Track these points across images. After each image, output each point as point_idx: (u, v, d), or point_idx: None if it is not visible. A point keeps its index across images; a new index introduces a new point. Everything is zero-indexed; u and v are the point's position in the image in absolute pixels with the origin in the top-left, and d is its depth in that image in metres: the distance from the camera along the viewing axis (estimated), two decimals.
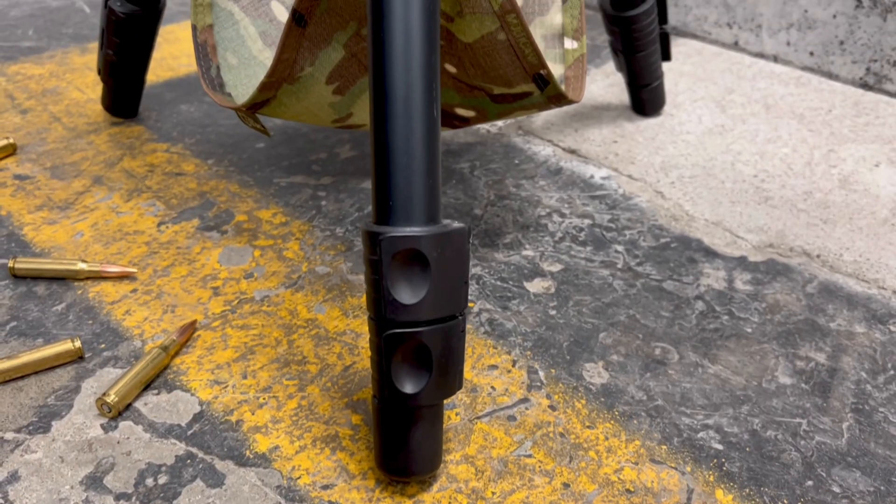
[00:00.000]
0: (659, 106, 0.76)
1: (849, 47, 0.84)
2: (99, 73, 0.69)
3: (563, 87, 0.55)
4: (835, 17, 0.84)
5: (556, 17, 0.56)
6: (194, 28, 0.54)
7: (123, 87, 0.70)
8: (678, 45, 0.94)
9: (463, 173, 0.67)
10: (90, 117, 0.73)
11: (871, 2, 0.80)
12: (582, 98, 0.55)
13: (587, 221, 0.61)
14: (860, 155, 0.71)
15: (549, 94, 0.50)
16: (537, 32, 0.57)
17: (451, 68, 0.51)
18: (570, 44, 0.56)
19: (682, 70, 0.88)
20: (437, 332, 0.35)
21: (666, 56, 0.73)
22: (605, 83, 0.84)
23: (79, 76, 0.82)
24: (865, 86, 0.84)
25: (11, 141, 0.66)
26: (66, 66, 0.84)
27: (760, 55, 0.91)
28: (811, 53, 0.87)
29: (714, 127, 0.75)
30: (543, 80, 0.49)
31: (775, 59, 0.90)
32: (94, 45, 0.89)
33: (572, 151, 0.71)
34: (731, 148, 0.72)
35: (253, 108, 0.50)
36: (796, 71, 0.88)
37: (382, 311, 0.35)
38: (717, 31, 0.94)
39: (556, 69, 0.56)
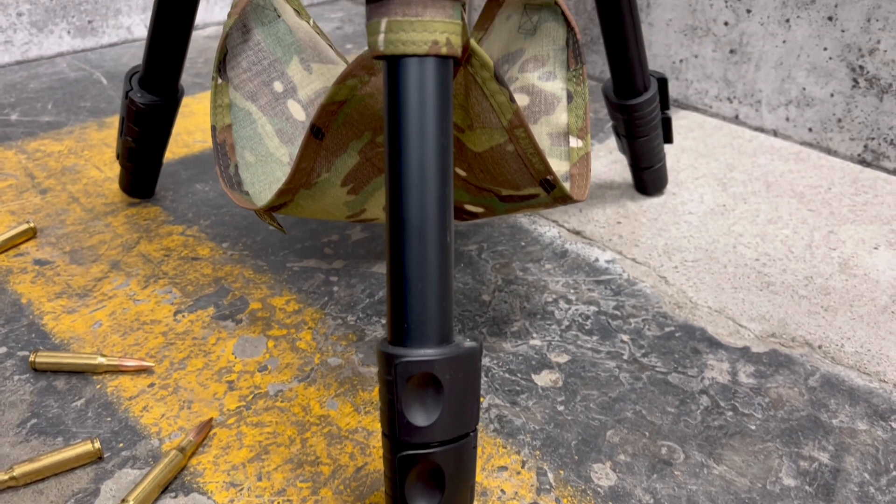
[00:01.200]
0: (661, 186, 0.78)
1: (846, 125, 0.86)
2: (118, 157, 0.71)
3: (567, 185, 0.57)
4: (832, 95, 0.86)
5: (561, 117, 0.58)
6: (214, 128, 0.56)
7: (142, 171, 0.72)
8: (680, 118, 0.97)
9: (471, 256, 0.69)
10: (108, 197, 0.75)
11: (867, 83, 0.83)
12: (586, 197, 0.57)
13: (593, 308, 0.62)
14: (859, 237, 0.72)
15: (556, 195, 0.52)
16: (543, 131, 0.59)
17: (461, 172, 0.53)
18: (574, 142, 0.58)
19: (683, 145, 0.90)
20: (450, 452, 0.37)
21: (668, 139, 0.76)
22: (608, 160, 0.86)
23: (96, 153, 0.84)
24: (863, 162, 0.86)
25: (32, 225, 0.68)
26: (84, 142, 0.86)
27: (760, 129, 0.93)
28: (810, 129, 0.89)
29: (716, 207, 0.77)
30: (550, 184, 0.50)
31: (775, 133, 0.92)
32: (111, 120, 0.92)
33: (577, 233, 0.73)
34: (732, 229, 0.73)
35: (270, 210, 0.52)
36: (795, 146, 0.90)
37: (396, 432, 0.36)
38: (718, 104, 0.97)
39: (562, 166, 0.58)
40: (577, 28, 0.58)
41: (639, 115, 0.70)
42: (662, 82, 0.72)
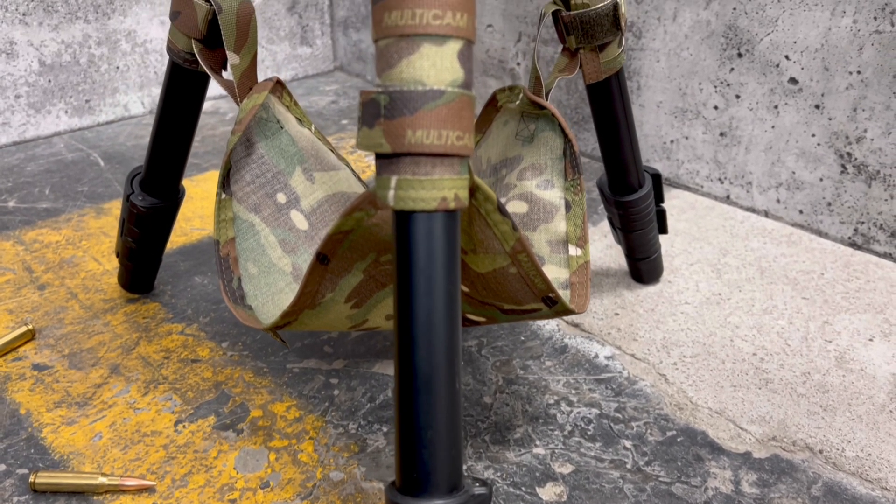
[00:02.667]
0: (657, 275, 0.79)
1: (836, 208, 0.87)
2: (117, 255, 0.72)
3: (567, 293, 0.57)
4: (821, 180, 0.88)
5: (560, 225, 0.59)
6: (217, 243, 0.56)
7: (141, 269, 0.72)
8: (672, 198, 0.98)
9: (471, 353, 0.69)
10: (106, 293, 0.75)
11: (855, 169, 0.84)
12: (587, 308, 0.58)
13: (595, 411, 0.62)
14: (854, 327, 0.73)
15: (557, 309, 0.52)
16: (542, 238, 0.59)
17: (465, 289, 0.53)
18: (574, 251, 0.59)
19: (677, 228, 0.91)
20: None
21: (662, 230, 0.77)
22: (604, 244, 0.87)
23: (94, 243, 0.84)
24: (854, 245, 0.87)
25: (30, 327, 0.68)
26: (82, 230, 0.87)
27: (752, 210, 0.95)
28: (800, 211, 0.90)
29: (711, 296, 0.78)
30: (552, 300, 0.51)
31: (766, 214, 0.94)
32: (109, 206, 0.92)
33: (575, 325, 0.73)
34: (729, 321, 0.74)
35: (274, 327, 0.52)
36: (787, 227, 0.91)
37: None
38: (709, 184, 0.98)
39: (561, 273, 0.58)
40: (573, 139, 0.59)
41: (634, 211, 0.71)
42: (656, 178, 0.73)
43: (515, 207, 0.61)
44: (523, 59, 1.14)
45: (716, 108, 0.94)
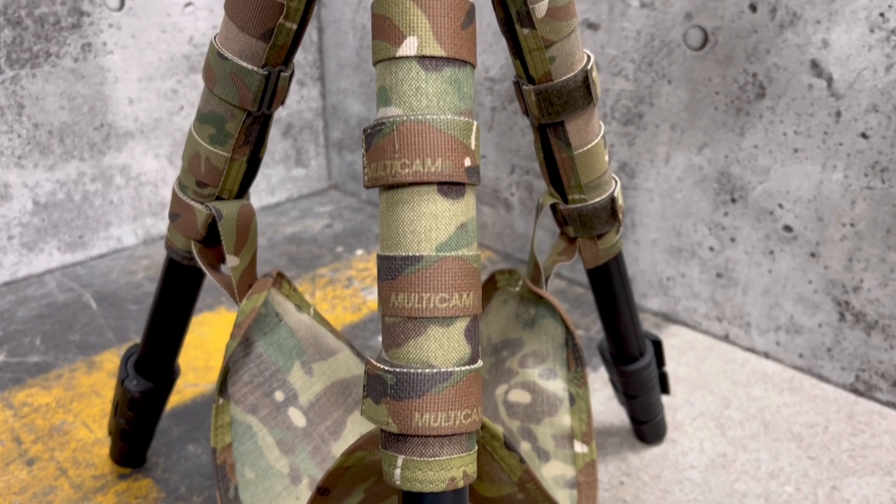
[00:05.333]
0: (661, 436, 0.77)
1: (836, 354, 0.87)
2: (110, 433, 0.70)
3: (575, 493, 0.56)
4: (820, 326, 0.87)
5: (564, 419, 0.58)
6: (214, 451, 0.55)
7: (134, 446, 0.70)
8: (671, 336, 0.98)
9: None
10: (97, 467, 0.73)
11: (854, 317, 0.84)
12: None
13: None
14: (863, 493, 0.71)
15: None
16: (547, 432, 0.58)
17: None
18: (580, 447, 0.57)
19: (677, 373, 0.90)
20: None
21: (665, 391, 0.76)
22: (605, 395, 0.86)
23: (86, 405, 0.82)
24: (856, 392, 0.86)
25: None
26: (73, 389, 0.85)
27: (752, 350, 0.94)
28: (801, 355, 0.90)
29: (716, 457, 0.76)
30: None
31: (766, 355, 0.93)
32: (100, 359, 0.91)
33: None
34: (735, 488, 0.72)
35: None
36: (788, 370, 0.91)
37: None
38: (708, 323, 0.98)
39: (567, 471, 0.57)
40: (575, 332, 0.59)
41: (637, 379, 0.70)
42: (657, 344, 0.72)
43: (518, 397, 0.60)
44: (517, 190, 1.15)
45: (711, 249, 0.95)
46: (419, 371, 0.35)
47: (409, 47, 0.35)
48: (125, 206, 1.17)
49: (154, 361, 0.65)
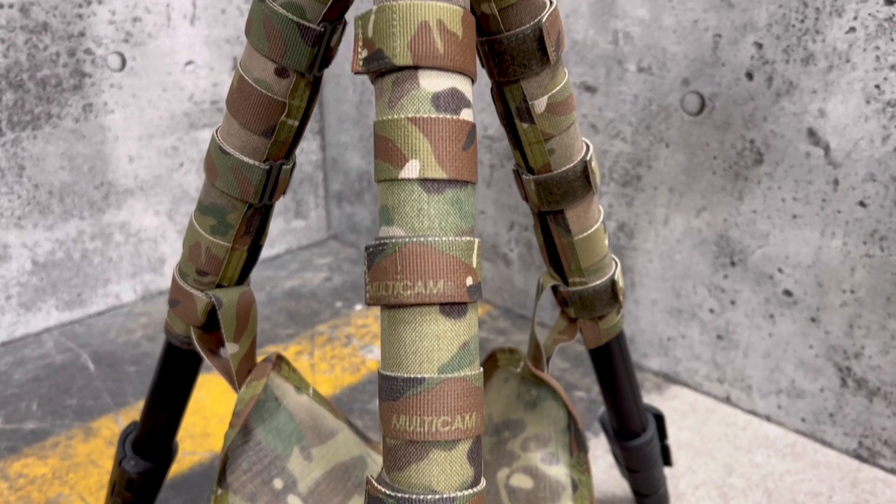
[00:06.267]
0: None
1: (839, 420, 0.86)
2: None
3: None
4: (822, 391, 0.87)
5: None
6: None
7: None
8: (672, 397, 0.97)
9: None
10: None
11: (856, 383, 0.84)
12: None
13: None
14: None
15: None
16: None
17: None
18: None
19: (679, 438, 0.89)
20: None
21: (667, 463, 0.75)
22: (607, 462, 0.85)
23: (82, 476, 0.81)
24: (860, 457, 0.85)
25: None
26: (70, 459, 0.84)
27: (753, 412, 0.94)
28: (803, 420, 0.89)
29: None
30: None
31: (768, 419, 0.93)
32: (97, 425, 0.90)
33: None
34: None
35: None
36: (791, 435, 0.90)
37: None
38: (709, 384, 0.97)
39: None
40: (577, 416, 0.59)
41: (640, 455, 0.70)
42: (659, 419, 0.72)
43: (520, 482, 0.60)
44: (516, 246, 1.15)
45: (711, 311, 0.94)
46: (421, 497, 0.34)
47: (411, 170, 0.35)
48: (124, 262, 1.17)
49: (152, 441, 0.65)
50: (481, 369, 0.37)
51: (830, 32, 0.77)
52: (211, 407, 0.94)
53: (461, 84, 0.36)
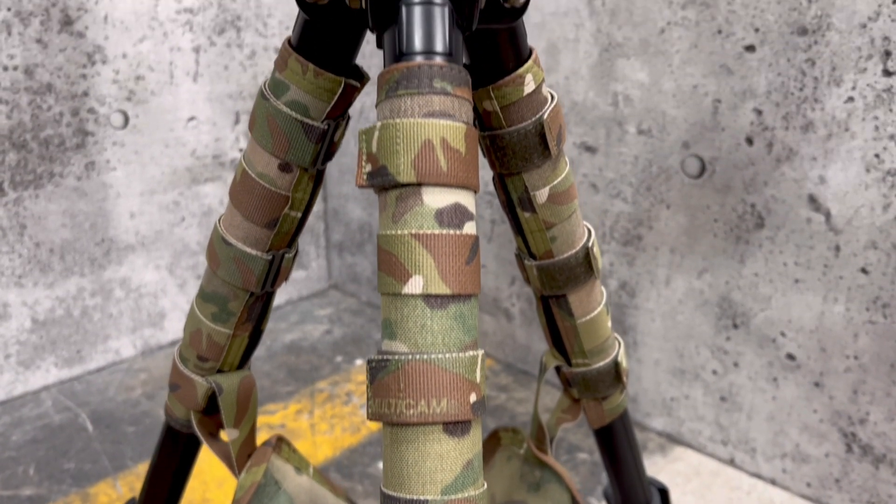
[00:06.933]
0: None
1: (845, 486, 0.85)
2: None
3: None
4: (827, 456, 0.86)
5: None
6: None
7: None
8: (676, 459, 0.96)
9: None
10: None
11: (861, 450, 0.83)
12: None
13: None
14: None
15: None
16: None
17: None
18: None
19: (683, 503, 0.88)
20: None
21: None
22: None
23: None
24: None
25: None
26: None
27: (758, 475, 0.93)
28: (808, 484, 0.88)
29: None
30: None
31: (773, 482, 0.91)
32: (95, 490, 0.89)
33: None
34: None
35: None
36: (796, 499, 0.89)
37: None
38: (713, 446, 0.96)
39: None
40: (581, 501, 0.58)
41: None
42: (663, 493, 0.71)
43: None
44: (517, 301, 1.15)
45: (714, 372, 0.94)
46: None
47: (414, 286, 0.35)
48: (124, 318, 1.16)
49: None
50: (485, 486, 0.36)
51: (829, 101, 0.78)
52: (210, 471, 0.93)
53: (464, 198, 0.36)
